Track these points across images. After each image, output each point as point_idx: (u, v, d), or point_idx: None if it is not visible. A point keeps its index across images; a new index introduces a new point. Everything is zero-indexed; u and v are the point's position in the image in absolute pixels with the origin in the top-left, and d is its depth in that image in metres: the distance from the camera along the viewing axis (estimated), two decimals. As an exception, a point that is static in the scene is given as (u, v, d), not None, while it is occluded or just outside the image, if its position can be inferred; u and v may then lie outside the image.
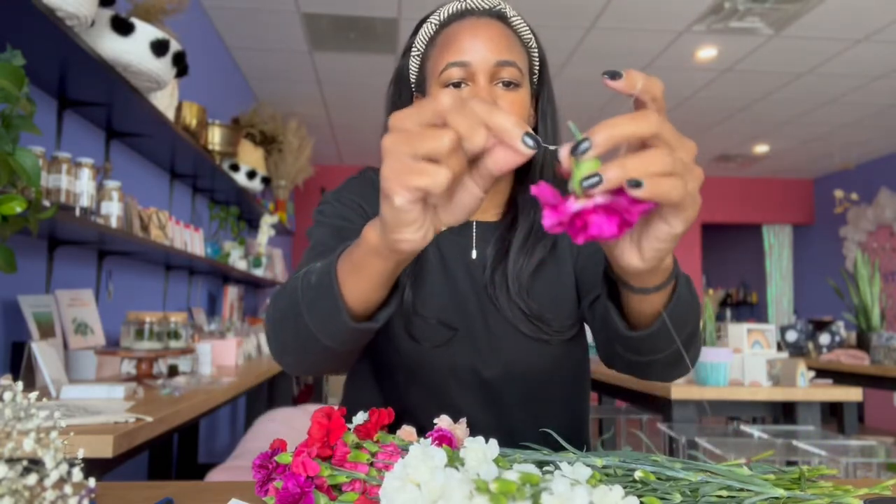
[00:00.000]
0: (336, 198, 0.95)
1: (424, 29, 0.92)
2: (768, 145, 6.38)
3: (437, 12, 0.91)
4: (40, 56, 1.72)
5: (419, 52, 0.93)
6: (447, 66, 0.85)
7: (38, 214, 1.33)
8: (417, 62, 0.93)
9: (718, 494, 0.60)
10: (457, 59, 0.85)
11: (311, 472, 0.63)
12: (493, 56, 0.85)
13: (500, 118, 0.47)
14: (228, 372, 2.54)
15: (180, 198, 3.34)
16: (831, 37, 3.93)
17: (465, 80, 0.85)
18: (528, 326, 0.90)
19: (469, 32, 0.86)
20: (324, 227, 0.90)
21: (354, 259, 0.61)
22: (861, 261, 4.14)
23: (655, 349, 0.70)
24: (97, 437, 1.20)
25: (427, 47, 0.91)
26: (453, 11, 0.90)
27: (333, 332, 0.66)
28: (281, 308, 0.72)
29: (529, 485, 0.51)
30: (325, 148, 6.46)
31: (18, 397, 0.53)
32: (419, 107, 0.49)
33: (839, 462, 2.34)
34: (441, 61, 0.86)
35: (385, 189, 0.50)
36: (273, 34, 4.00)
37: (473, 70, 0.85)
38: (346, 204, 0.93)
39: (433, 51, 0.89)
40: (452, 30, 0.88)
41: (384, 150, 0.49)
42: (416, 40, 0.93)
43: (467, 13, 0.89)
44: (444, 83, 0.85)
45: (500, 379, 0.91)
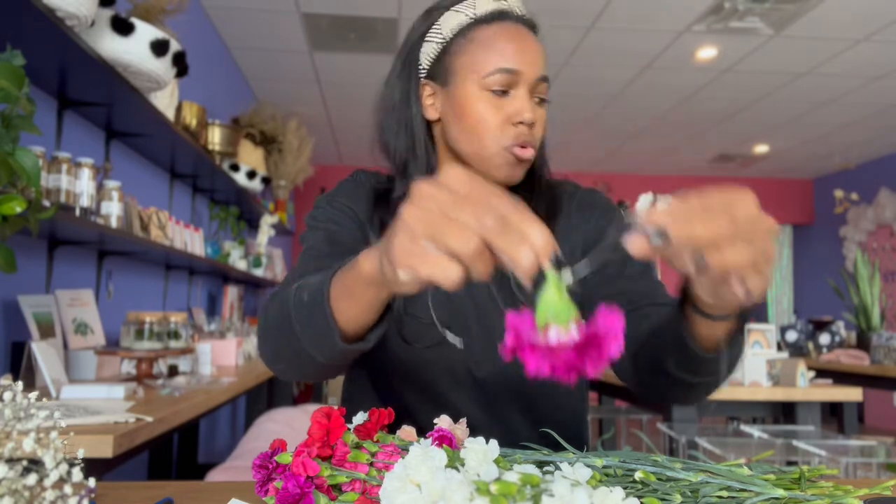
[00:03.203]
0: (328, 202, 0.94)
1: (452, 17, 0.88)
2: (768, 145, 6.38)
3: (468, 4, 0.88)
4: (40, 56, 1.72)
5: (443, 40, 0.88)
6: (497, 70, 0.83)
7: (38, 214, 1.33)
8: (437, 49, 0.89)
9: (719, 495, 0.60)
10: (509, 66, 0.84)
11: (311, 472, 0.63)
12: (538, 70, 0.86)
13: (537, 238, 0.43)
14: (228, 372, 2.54)
15: (180, 198, 3.34)
16: (831, 37, 3.93)
17: (508, 88, 0.85)
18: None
19: (519, 40, 0.86)
20: (317, 231, 0.90)
21: (348, 284, 0.61)
22: (861, 261, 4.14)
23: (713, 371, 0.71)
24: (97, 437, 1.20)
25: (456, 38, 0.87)
26: (491, 9, 0.87)
27: (325, 350, 0.66)
28: (273, 318, 0.72)
29: (530, 486, 0.51)
30: (325, 148, 6.46)
31: (18, 397, 0.53)
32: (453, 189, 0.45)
33: (839, 462, 2.34)
34: (486, 62, 0.84)
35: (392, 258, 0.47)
36: (273, 34, 4.00)
37: (519, 80, 0.84)
38: (337, 208, 0.92)
39: (469, 46, 0.86)
40: (495, 31, 0.86)
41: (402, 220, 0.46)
42: (440, 27, 0.89)
43: (504, 16, 0.87)
44: (489, 87, 0.84)
45: (494, 378, 0.91)
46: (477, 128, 0.85)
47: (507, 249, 0.43)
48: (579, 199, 1.00)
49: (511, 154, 0.85)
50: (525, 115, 0.83)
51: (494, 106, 0.85)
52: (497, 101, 0.85)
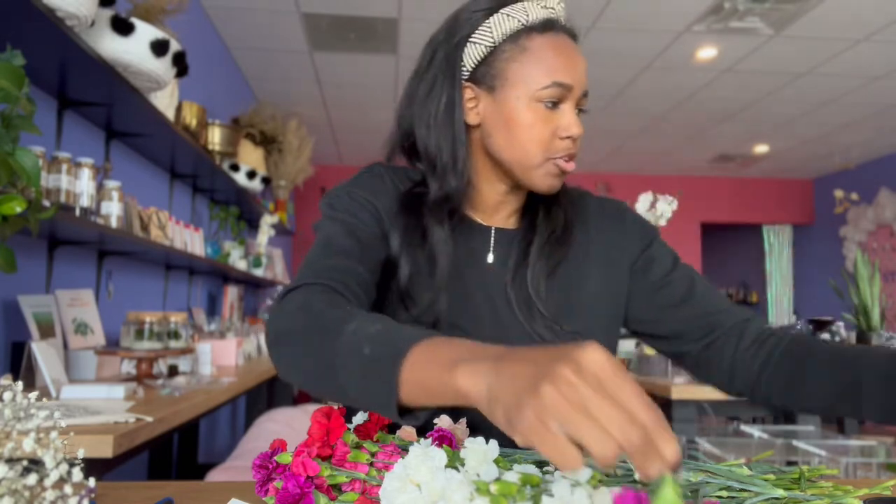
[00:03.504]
0: (347, 192, 0.90)
1: (503, 21, 0.86)
2: (768, 145, 6.38)
3: (518, 7, 0.86)
4: (40, 56, 1.72)
5: (491, 44, 0.86)
6: (552, 84, 0.83)
7: (38, 214, 1.33)
8: (483, 53, 0.86)
9: (719, 495, 0.60)
10: (563, 81, 0.84)
11: (311, 472, 0.63)
12: (585, 84, 0.87)
13: (671, 455, 0.42)
14: (228, 372, 2.54)
15: (180, 198, 3.34)
16: (831, 37, 3.93)
17: (559, 101, 0.85)
18: (542, 329, 0.88)
19: (570, 53, 0.86)
20: (335, 223, 0.86)
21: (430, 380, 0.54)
22: (861, 261, 4.14)
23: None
24: (97, 437, 1.20)
25: (507, 43, 0.86)
26: (542, 18, 0.86)
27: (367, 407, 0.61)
28: (308, 332, 0.66)
29: (530, 486, 0.51)
30: (325, 148, 6.46)
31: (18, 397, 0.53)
32: (596, 377, 0.43)
33: (839, 462, 2.34)
34: (540, 74, 0.84)
35: (516, 423, 0.44)
36: (273, 34, 3.99)
37: (569, 95, 0.85)
38: (357, 201, 0.89)
39: (522, 54, 0.85)
40: (548, 42, 0.85)
41: (540, 398, 0.43)
42: (489, 30, 0.86)
43: (554, 25, 0.87)
44: (541, 100, 0.84)
45: None
46: (525, 138, 0.85)
47: (642, 465, 0.42)
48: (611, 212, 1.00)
49: (556, 166, 0.86)
50: (573, 129, 0.85)
51: (544, 118, 0.85)
52: (547, 114, 0.85)
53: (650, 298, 0.96)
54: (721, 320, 0.93)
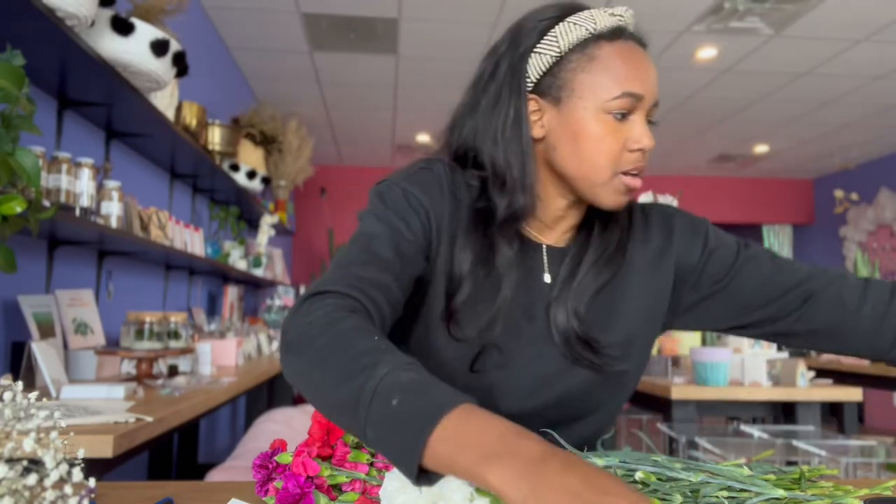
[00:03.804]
0: (402, 190, 0.84)
1: (570, 29, 0.82)
2: (768, 145, 6.38)
3: (585, 16, 0.83)
4: (40, 56, 1.72)
5: (558, 54, 0.82)
6: (623, 94, 0.80)
7: (38, 214, 1.33)
8: (549, 62, 0.83)
9: (719, 495, 0.60)
10: (635, 91, 0.80)
11: (311, 472, 0.63)
12: (656, 94, 0.84)
13: None
14: (228, 372, 2.54)
15: (180, 198, 3.34)
16: (831, 37, 3.93)
17: (629, 112, 0.81)
18: (576, 345, 0.85)
19: (641, 62, 0.83)
20: (381, 223, 0.81)
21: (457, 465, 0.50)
22: (861, 261, 4.14)
23: None
24: (97, 437, 1.20)
25: (574, 53, 0.82)
26: (611, 26, 0.83)
27: (385, 456, 0.56)
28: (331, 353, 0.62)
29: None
30: (325, 148, 6.46)
31: (18, 397, 0.53)
32: None
33: (839, 462, 2.34)
34: (610, 84, 0.80)
35: None
36: (273, 34, 3.99)
37: (640, 105, 0.82)
38: (410, 202, 0.83)
39: (591, 64, 0.81)
40: (618, 49, 0.82)
41: None
42: (555, 39, 0.83)
43: (623, 32, 0.84)
44: (611, 111, 0.80)
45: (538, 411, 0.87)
46: (593, 152, 0.81)
47: None
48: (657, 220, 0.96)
49: (623, 184, 0.82)
50: (644, 141, 0.81)
51: (613, 130, 0.81)
52: (617, 126, 0.81)
53: (726, 293, 0.92)
54: (812, 288, 0.89)
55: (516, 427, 0.51)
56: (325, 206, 7.10)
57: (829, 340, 0.91)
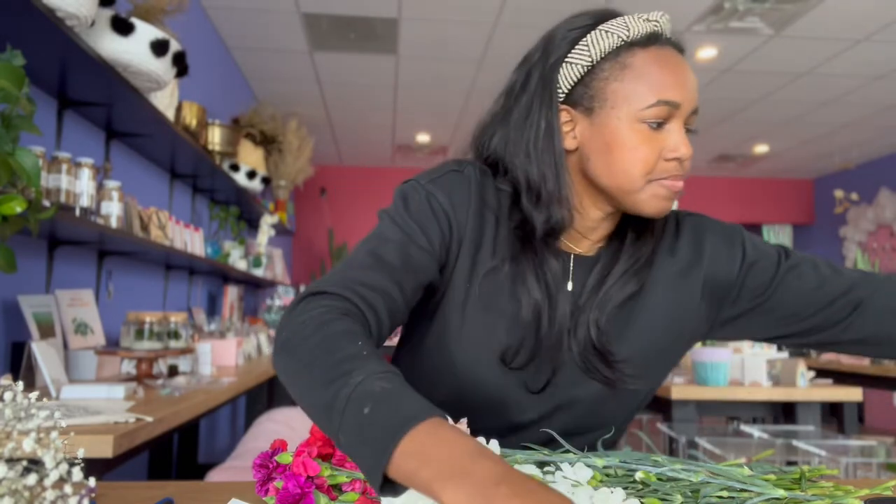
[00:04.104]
0: (427, 194, 0.83)
1: (602, 38, 0.80)
2: (768, 145, 6.38)
3: (618, 23, 0.81)
4: (40, 56, 1.72)
5: (590, 63, 0.80)
6: (658, 102, 0.77)
7: (38, 214, 1.33)
8: (580, 72, 0.81)
9: (719, 495, 0.60)
10: (671, 99, 0.77)
11: (312, 472, 0.63)
12: (694, 100, 0.80)
13: None
14: (228, 372, 2.54)
15: (180, 198, 3.34)
16: (831, 37, 3.93)
17: (666, 120, 0.79)
18: (592, 357, 0.84)
19: (677, 68, 0.79)
20: (396, 228, 0.80)
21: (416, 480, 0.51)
22: (861, 261, 4.14)
23: None
24: (97, 437, 1.20)
25: (606, 62, 0.80)
26: (645, 32, 0.80)
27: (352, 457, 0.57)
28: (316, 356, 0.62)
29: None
30: (325, 148, 6.46)
31: (18, 397, 0.53)
32: None
33: (839, 462, 2.34)
34: (645, 93, 0.78)
35: None
36: (273, 34, 3.99)
37: (677, 113, 0.79)
38: (433, 207, 0.82)
39: (623, 72, 0.79)
40: (652, 56, 0.79)
41: None
42: (587, 48, 0.81)
43: (658, 38, 0.81)
44: (646, 120, 0.78)
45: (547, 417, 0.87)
46: (627, 162, 0.79)
47: None
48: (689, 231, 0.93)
49: (663, 187, 0.80)
50: (682, 150, 0.78)
51: (648, 139, 0.78)
52: (652, 135, 0.78)
53: (768, 305, 0.89)
54: (859, 297, 0.86)
55: (480, 446, 0.50)
56: (325, 206, 7.10)
57: (879, 348, 0.89)
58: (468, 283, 0.84)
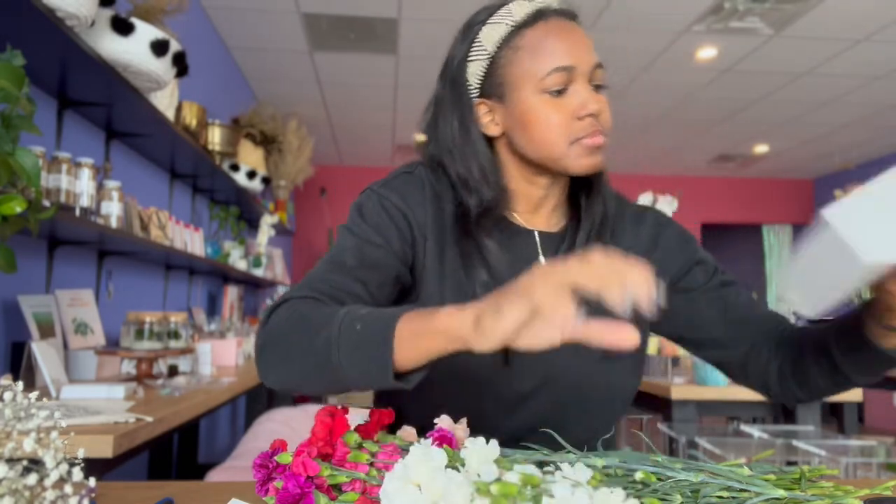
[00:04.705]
0: (380, 200, 0.88)
1: (491, 30, 0.86)
2: (768, 145, 6.38)
3: (502, 12, 0.86)
4: (40, 56, 1.72)
5: (487, 56, 0.86)
6: (552, 71, 0.82)
7: (38, 214, 1.33)
8: (484, 66, 0.87)
9: (719, 495, 0.60)
10: (562, 65, 0.82)
11: (312, 472, 0.63)
12: (591, 58, 0.84)
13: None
14: (228, 372, 2.54)
15: (180, 198, 3.34)
16: (831, 37, 3.93)
17: (566, 85, 0.83)
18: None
19: (565, 35, 0.84)
20: (352, 237, 0.85)
21: (416, 329, 0.62)
22: (861, 261, 4.14)
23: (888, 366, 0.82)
24: (97, 437, 1.20)
25: (501, 50, 0.85)
26: (529, 12, 0.85)
27: (365, 379, 0.65)
28: (289, 327, 0.71)
29: (530, 487, 0.51)
30: (325, 148, 6.45)
31: (18, 397, 0.53)
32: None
33: (839, 462, 2.34)
34: (539, 66, 0.83)
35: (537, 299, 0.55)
36: (273, 34, 3.99)
37: (575, 74, 0.83)
38: (387, 211, 0.87)
39: (516, 55, 0.84)
40: (539, 32, 0.84)
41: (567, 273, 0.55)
42: (480, 42, 0.87)
43: (544, 13, 0.86)
44: (547, 89, 0.82)
45: (537, 392, 0.88)
46: (544, 132, 0.84)
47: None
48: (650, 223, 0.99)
49: (582, 146, 0.84)
50: (590, 106, 0.82)
51: (557, 106, 0.83)
52: (559, 102, 0.83)
53: (690, 308, 0.96)
54: (758, 329, 0.94)
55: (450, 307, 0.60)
56: (325, 206, 7.10)
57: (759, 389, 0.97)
58: (440, 277, 0.88)
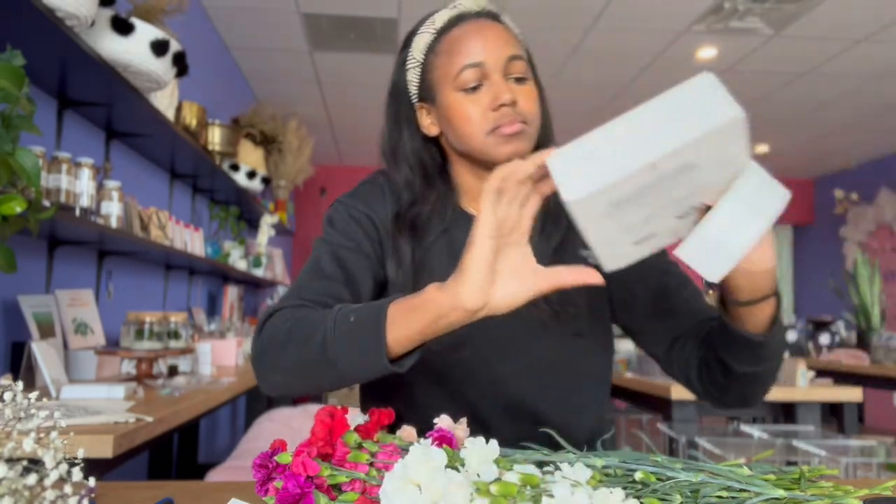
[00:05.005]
0: (346, 209, 0.95)
1: (419, 39, 0.93)
2: (768, 145, 6.38)
3: (429, 22, 0.93)
4: (40, 56, 1.72)
5: (418, 63, 0.93)
6: (462, 69, 0.87)
7: (38, 214, 1.33)
8: (417, 73, 0.94)
9: (719, 495, 0.60)
10: (470, 61, 0.87)
11: (311, 472, 0.63)
12: (503, 52, 0.87)
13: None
14: (228, 372, 2.54)
15: (180, 198, 3.34)
16: (831, 37, 3.93)
17: (481, 80, 0.87)
18: (547, 309, 0.91)
19: (475, 33, 0.88)
20: (326, 246, 0.92)
21: (405, 310, 0.69)
22: (861, 261, 4.15)
23: (772, 355, 0.83)
24: (97, 437, 1.20)
25: (427, 56, 0.92)
26: (448, 18, 0.92)
27: (362, 368, 0.71)
28: (287, 331, 0.76)
29: (530, 487, 0.51)
30: (325, 148, 6.45)
31: (18, 397, 0.53)
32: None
33: (839, 462, 2.34)
34: (453, 66, 0.88)
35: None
36: (273, 34, 3.99)
37: (487, 70, 0.87)
38: (354, 217, 0.94)
39: (438, 59, 0.90)
40: (454, 34, 0.89)
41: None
42: (412, 52, 0.94)
43: (462, 18, 0.91)
44: (461, 87, 0.87)
45: (512, 373, 0.92)
46: (464, 126, 0.88)
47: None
48: None
49: (499, 136, 0.87)
50: (502, 97, 0.85)
51: (473, 101, 0.87)
52: (473, 97, 0.87)
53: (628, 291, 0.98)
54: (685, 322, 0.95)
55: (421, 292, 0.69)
56: (325, 206, 7.10)
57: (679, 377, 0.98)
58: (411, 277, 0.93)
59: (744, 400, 0.91)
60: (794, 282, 8.12)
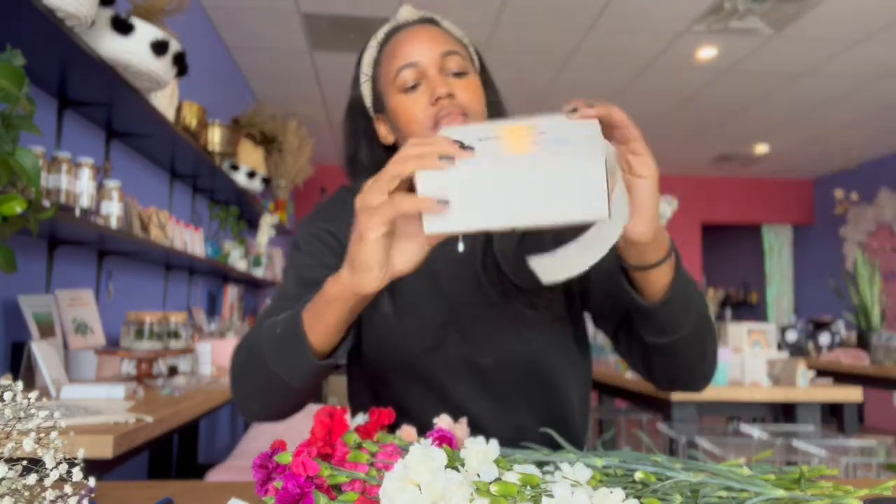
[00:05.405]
0: (309, 229, 0.98)
1: (366, 55, 0.98)
2: (768, 145, 6.38)
3: (373, 38, 0.97)
4: (40, 56, 1.72)
5: (368, 77, 0.98)
6: (398, 71, 0.90)
7: (38, 214, 1.33)
8: (369, 86, 0.98)
9: (719, 495, 0.60)
10: (406, 62, 0.90)
11: (311, 472, 0.63)
12: (434, 50, 0.91)
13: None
14: (228, 372, 2.54)
15: (180, 198, 3.34)
16: (831, 37, 3.93)
17: (419, 80, 0.90)
18: (521, 299, 0.93)
19: (410, 38, 0.92)
20: (293, 271, 0.95)
21: (317, 308, 0.72)
22: (861, 261, 4.15)
23: (675, 324, 0.80)
24: (97, 437, 1.20)
25: (374, 69, 0.96)
26: (387, 30, 0.96)
27: (299, 372, 0.76)
28: (245, 357, 0.82)
29: (530, 487, 0.51)
30: (325, 148, 6.45)
31: (18, 397, 0.53)
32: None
33: (839, 462, 2.34)
34: (392, 70, 0.91)
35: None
36: (273, 34, 3.99)
37: (423, 68, 0.90)
38: (316, 235, 0.96)
39: (381, 68, 0.94)
40: (392, 43, 0.94)
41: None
42: (362, 68, 0.98)
43: (400, 27, 0.95)
44: (401, 88, 0.91)
45: (495, 367, 0.94)
46: (409, 126, 0.91)
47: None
48: None
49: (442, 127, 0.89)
50: (437, 91, 0.88)
51: (414, 100, 0.90)
52: (414, 96, 0.90)
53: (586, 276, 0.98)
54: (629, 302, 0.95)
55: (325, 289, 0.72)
56: (325, 206, 7.09)
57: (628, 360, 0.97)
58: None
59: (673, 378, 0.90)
60: (795, 282, 8.12)
